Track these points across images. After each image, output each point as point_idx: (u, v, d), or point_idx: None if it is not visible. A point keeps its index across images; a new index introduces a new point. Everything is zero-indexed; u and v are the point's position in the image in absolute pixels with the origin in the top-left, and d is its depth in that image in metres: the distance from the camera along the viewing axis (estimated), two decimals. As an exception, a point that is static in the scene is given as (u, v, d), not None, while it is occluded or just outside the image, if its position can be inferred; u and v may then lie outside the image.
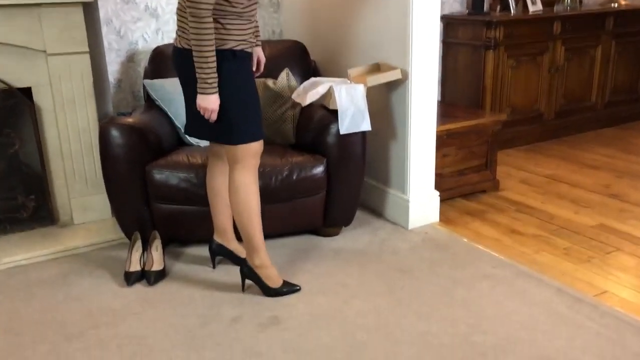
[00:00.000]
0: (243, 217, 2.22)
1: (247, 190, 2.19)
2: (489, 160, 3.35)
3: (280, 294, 2.29)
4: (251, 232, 2.23)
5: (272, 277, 2.29)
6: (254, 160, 2.20)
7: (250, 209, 2.21)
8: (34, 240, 2.80)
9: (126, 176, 2.54)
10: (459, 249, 2.66)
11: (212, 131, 2.17)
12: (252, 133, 2.16)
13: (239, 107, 2.10)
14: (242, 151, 2.15)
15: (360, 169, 2.70)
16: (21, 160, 2.87)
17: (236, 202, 2.21)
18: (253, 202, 2.21)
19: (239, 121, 2.11)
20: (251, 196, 2.20)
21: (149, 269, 2.45)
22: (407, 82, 2.73)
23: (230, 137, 2.14)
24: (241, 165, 2.17)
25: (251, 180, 2.20)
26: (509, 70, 4.09)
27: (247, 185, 2.19)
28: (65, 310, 2.24)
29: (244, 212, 2.21)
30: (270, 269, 2.29)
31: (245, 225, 2.23)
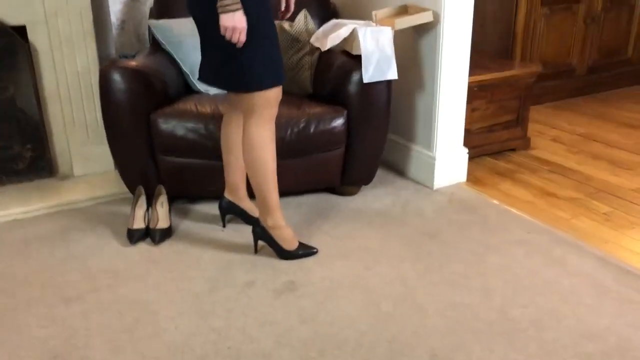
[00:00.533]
0: (257, 174, 2.00)
1: (263, 145, 1.97)
2: (520, 116, 3.10)
3: (295, 256, 2.11)
4: (265, 191, 2.03)
5: (287, 239, 2.10)
6: (271, 111, 1.97)
7: (266, 166, 1.99)
8: (31, 193, 2.61)
9: (129, 125, 2.32)
10: (489, 211, 2.45)
11: (226, 77, 1.94)
12: (270, 77, 1.91)
13: (256, 47, 1.85)
14: (258, 100, 1.92)
15: (384, 123, 2.47)
16: (17, 106, 2.66)
17: (250, 158, 1.99)
18: (269, 159, 1.99)
19: (254, 63, 1.87)
20: (267, 152, 1.98)
21: (153, 227, 2.26)
22: (438, 26, 2.47)
23: (244, 82, 1.90)
24: (257, 117, 1.94)
25: (268, 134, 1.97)
26: (542, 19, 3.80)
27: (263, 139, 1.96)
28: (63, 270, 2.06)
29: (259, 169, 1.99)
30: (285, 230, 2.09)
31: (259, 184, 2.02)
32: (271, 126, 1.98)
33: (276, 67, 1.93)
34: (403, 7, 2.60)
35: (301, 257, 2.11)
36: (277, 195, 2.05)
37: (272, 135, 1.98)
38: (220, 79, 1.98)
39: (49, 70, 2.64)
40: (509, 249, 2.15)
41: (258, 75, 1.89)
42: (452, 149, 2.69)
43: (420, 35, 2.58)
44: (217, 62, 1.93)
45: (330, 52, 2.60)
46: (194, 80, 2.61)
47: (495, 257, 2.10)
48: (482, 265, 2.05)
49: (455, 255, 2.12)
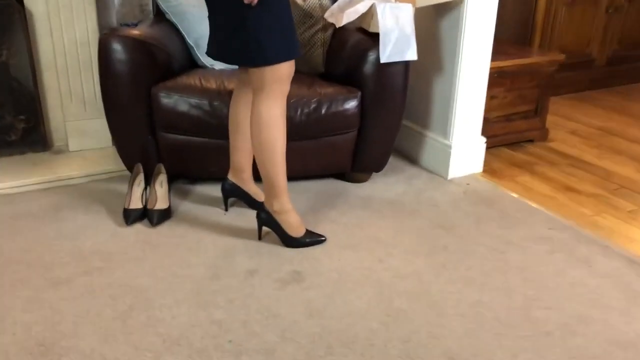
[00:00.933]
0: (265, 155, 1.86)
1: (272, 124, 1.82)
2: (540, 106, 2.95)
3: (302, 244, 1.97)
4: (273, 174, 1.88)
5: (293, 225, 1.96)
6: (283, 87, 1.82)
7: (275, 147, 1.85)
8: (23, 167, 2.47)
9: (129, 98, 2.17)
10: (507, 204, 2.32)
11: (234, 49, 1.78)
12: (282, 50, 1.76)
13: (267, 17, 1.70)
14: (268, 74, 1.77)
15: (399, 106, 2.32)
16: (10, 75, 2.50)
17: (259, 137, 1.84)
18: (279, 139, 1.84)
19: (265, 34, 1.71)
20: (277, 132, 1.83)
21: (151, 207, 2.12)
22: (462, 6, 2.31)
23: (253, 55, 1.75)
24: (267, 93, 1.79)
25: (278, 113, 1.83)
26: (563, 7, 3.63)
27: (273, 118, 1.82)
28: (53, 250, 1.92)
29: (267, 149, 1.85)
30: (292, 215, 1.96)
31: (266, 165, 1.88)
32: (282, 104, 1.84)
33: (289, 39, 1.78)
34: (424, -15, 2.44)
35: (308, 246, 1.97)
36: (285, 178, 1.91)
37: (283, 113, 1.84)
38: (228, 51, 1.82)
39: (45, 37, 2.49)
40: (530, 246, 2.02)
41: (269, 48, 1.73)
42: (470, 138, 2.54)
43: (441, 15, 2.42)
44: (225, 33, 1.78)
45: (344, 29, 2.45)
46: (199, 53, 2.46)
47: (515, 254, 1.97)
48: (502, 263, 1.92)
49: (473, 251, 1.98)
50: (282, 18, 1.76)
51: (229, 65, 2.44)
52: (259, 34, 1.71)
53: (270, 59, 1.75)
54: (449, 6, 2.36)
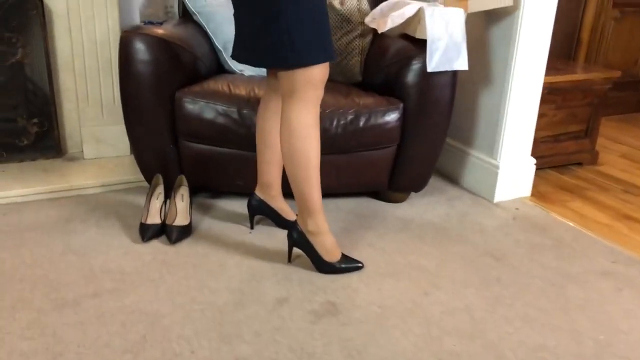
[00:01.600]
0: (298, 169, 1.65)
1: (305, 134, 1.62)
2: (591, 127, 2.73)
3: (336, 270, 1.76)
4: (306, 189, 1.68)
5: (328, 248, 1.75)
6: (316, 92, 1.62)
7: (308, 159, 1.64)
8: (34, 174, 2.29)
9: (150, 102, 1.99)
10: (562, 233, 2.09)
11: (262, 49, 1.59)
12: (315, 51, 1.56)
13: (299, 12, 1.51)
14: (301, 77, 1.57)
15: (444, 121, 2.12)
16: (25, 75, 2.34)
17: (289, 149, 1.64)
18: (312, 151, 1.64)
19: (297, 32, 1.52)
20: (310, 142, 1.63)
21: (171, 223, 1.92)
22: (517, 13, 2.11)
23: (284, 55, 1.55)
24: (299, 99, 1.60)
25: (311, 121, 1.63)
26: (611, 22, 3.42)
27: (306, 126, 1.62)
28: (60, 267, 1.73)
29: (299, 162, 1.64)
30: (327, 237, 1.75)
31: (299, 180, 1.67)
32: (316, 111, 1.64)
33: (324, 39, 1.58)
34: (474, -10, 2.24)
35: (343, 272, 1.76)
36: (319, 194, 1.70)
37: (316, 121, 1.64)
38: (255, 51, 1.63)
39: (63, 36, 2.32)
40: (593, 281, 1.79)
41: (304, 46, 1.54)
42: (519, 158, 2.32)
43: (492, 23, 2.22)
44: (253, 30, 1.59)
45: (385, 36, 2.26)
46: (227, 58, 2.28)
47: (578, 289, 1.74)
48: (564, 300, 1.69)
49: (530, 285, 1.76)
50: (320, 15, 1.57)
51: (259, 71, 2.28)
52: (293, 31, 1.52)
53: (305, 59, 1.56)
54: (502, 13, 2.16)
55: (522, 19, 2.10)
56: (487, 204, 2.29)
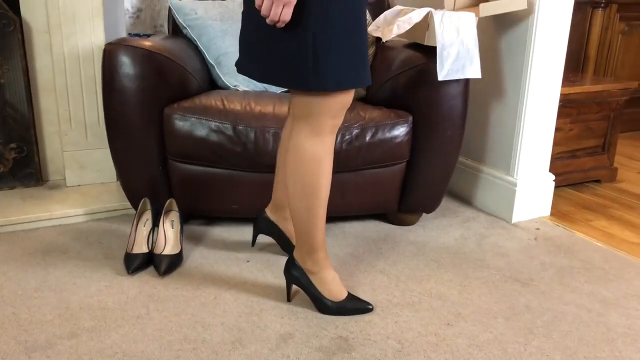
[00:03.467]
0: (303, 203, 1.43)
1: (314, 167, 1.39)
2: (608, 142, 2.57)
3: (342, 311, 1.51)
4: (309, 227, 1.45)
5: (330, 287, 1.52)
6: (334, 120, 1.38)
7: (315, 192, 1.41)
8: (11, 203, 2.09)
9: (136, 120, 1.81)
10: (591, 254, 1.90)
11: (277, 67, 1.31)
12: (345, 75, 1.30)
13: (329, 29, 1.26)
14: (321, 103, 1.33)
15: (458, 134, 1.95)
16: (3, 96, 2.16)
17: (296, 179, 1.42)
18: (322, 186, 1.41)
19: (323, 53, 1.26)
20: (320, 176, 1.40)
21: (159, 252, 1.73)
22: (531, 18, 1.97)
23: (305, 76, 1.28)
24: (314, 126, 1.37)
25: (324, 153, 1.39)
26: (619, 36, 3.30)
27: (318, 159, 1.38)
28: (33, 305, 1.52)
29: (306, 197, 1.42)
30: (329, 275, 1.52)
31: (303, 215, 1.44)
32: (331, 141, 1.40)
33: (357, 62, 1.32)
34: (483, -4, 2.10)
35: (349, 314, 1.52)
36: (323, 232, 1.48)
37: (329, 152, 1.41)
38: (263, 66, 1.35)
39: (44, 53, 2.16)
40: (634, 306, 1.60)
41: (326, 70, 1.27)
42: (537, 175, 2.15)
43: (505, 29, 2.08)
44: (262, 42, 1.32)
45: (389, 47, 2.12)
46: (220, 73, 2.11)
47: (617, 316, 1.55)
48: (605, 328, 1.49)
49: (563, 312, 1.56)
50: (354, 33, 1.30)
51: (257, 86, 2.12)
52: (321, 50, 1.26)
53: (331, 83, 1.29)
54: (514, 17, 2.01)
55: (537, 23, 1.95)
56: (505, 225, 2.11)
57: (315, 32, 1.24)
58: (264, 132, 1.80)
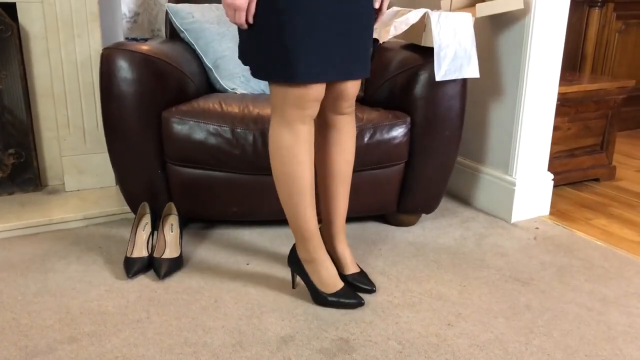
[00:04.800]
0: (284, 192, 1.50)
1: (287, 157, 1.45)
2: (606, 140, 2.57)
3: (331, 303, 1.55)
4: (294, 216, 1.51)
5: (323, 278, 1.55)
6: (302, 111, 1.42)
7: (293, 184, 1.47)
8: (10, 209, 2.09)
9: (135, 124, 1.81)
10: (590, 253, 1.90)
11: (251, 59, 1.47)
12: (274, 68, 1.39)
13: (264, 24, 1.36)
14: (277, 94, 1.43)
15: (456, 134, 1.95)
16: (1, 102, 2.16)
17: (274, 168, 1.50)
18: (298, 174, 1.46)
19: (261, 46, 1.39)
20: (295, 165, 1.45)
21: (159, 256, 1.73)
22: (527, 17, 1.97)
23: (258, 66, 1.44)
24: (277, 115, 1.45)
25: (296, 141, 1.44)
26: (615, 35, 3.30)
27: (290, 147, 1.44)
28: (33, 310, 1.52)
29: (286, 185, 1.48)
30: (323, 266, 1.55)
31: (287, 204, 1.51)
32: (304, 129, 1.44)
33: (283, 58, 1.36)
34: (479, -4, 2.11)
35: (339, 307, 1.54)
36: (312, 220, 1.52)
37: (304, 140, 1.45)
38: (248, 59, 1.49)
39: (41, 59, 2.16)
40: (634, 304, 1.60)
41: (266, 61, 1.40)
42: (536, 174, 2.15)
43: (501, 29, 2.08)
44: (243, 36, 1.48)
45: (386, 48, 2.12)
46: (218, 76, 2.11)
47: (618, 314, 1.55)
48: (605, 326, 1.49)
49: (563, 311, 1.56)
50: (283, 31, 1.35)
51: (254, 89, 2.13)
52: (259, 47, 1.40)
53: (267, 76, 1.44)
54: (510, 18, 2.02)
55: (534, 22, 1.96)
56: (504, 225, 2.11)
57: (257, 31, 1.37)
58: (263, 134, 1.80)
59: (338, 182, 1.62)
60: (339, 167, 1.60)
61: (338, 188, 1.62)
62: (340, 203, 1.64)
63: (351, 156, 1.62)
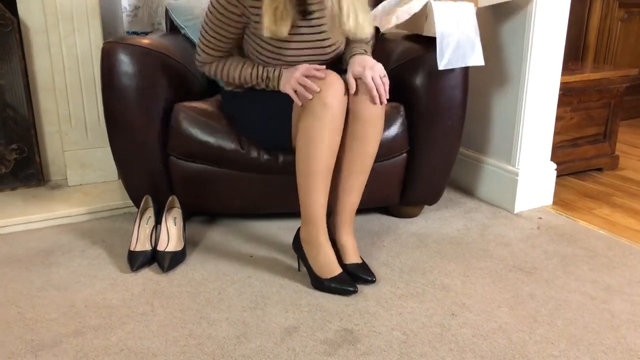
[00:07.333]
0: (298, 167, 1.57)
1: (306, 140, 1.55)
2: (609, 130, 2.56)
3: (324, 288, 1.57)
4: (304, 193, 1.57)
5: (321, 262, 1.58)
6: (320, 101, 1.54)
7: (307, 160, 1.55)
8: (14, 204, 2.10)
9: (137, 118, 1.81)
10: (594, 242, 1.90)
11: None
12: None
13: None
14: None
15: (457, 125, 1.94)
16: (2, 97, 2.16)
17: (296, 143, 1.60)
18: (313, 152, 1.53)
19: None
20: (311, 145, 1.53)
21: (162, 249, 1.73)
22: (530, 6, 1.96)
23: None
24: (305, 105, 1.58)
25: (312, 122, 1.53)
26: (618, 23, 3.29)
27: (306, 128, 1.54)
28: (38, 304, 1.53)
29: (301, 161, 1.56)
30: (321, 251, 1.58)
31: (298, 178, 1.58)
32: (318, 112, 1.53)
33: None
34: (481, -14, 2.09)
35: (331, 292, 1.57)
36: (319, 205, 1.57)
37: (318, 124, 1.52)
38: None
39: (42, 53, 2.16)
40: (637, 292, 1.60)
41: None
42: (539, 164, 2.15)
43: (503, 19, 2.07)
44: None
45: (387, 40, 2.11)
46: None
47: (621, 303, 1.55)
48: (608, 315, 1.49)
49: (567, 299, 1.56)
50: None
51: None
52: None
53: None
54: (512, 7, 2.01)
55: (536, 12, 1.95)
56: (507, 215, 2.11)
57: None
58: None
59: (352, 172, 1.63)
60: (356, 156, 1.61)
61: (351, 177, 1.63)
62: (351, 193, 1.65)
63: (372, 147, 1.63)
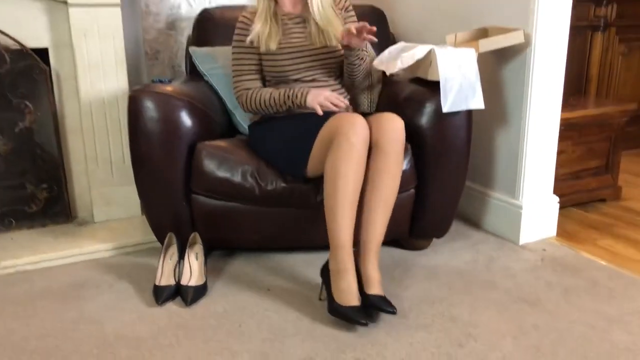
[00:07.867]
0: (327, 195, 1.72)
1: (332, 173, 1.72)
2: (611, 162, 2.66)
3: (338, 314, 1.64)
4: (331, 221, 1.71)
5: (341, 289, 1.66)
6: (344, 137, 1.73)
7: (333, 190, 1.69)
8: (44, 241, 2.22)
9: (162, 160, 1.94)
10: (595, 273, 1.99)
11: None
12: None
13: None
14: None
15: (463, 163, 2.05)
16: (34, 140, 2.31)
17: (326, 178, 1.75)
18: (338, 184, 1.68)
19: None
20: (335, 176, 1.69)
21: (185, 284, 1.84)
22: (528, 50, 2.08)
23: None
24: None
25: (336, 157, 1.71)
26: (619, 57, 3.40)
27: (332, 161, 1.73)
28: (73, 336, 1.64)
29: (328, 188, 1.72)
30: (344, 279, 1.66)
31: (326, 207, 1.73)
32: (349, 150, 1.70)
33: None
34: (482, 30, 2.22)
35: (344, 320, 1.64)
36: (345, 232, 1.69)
37: (347, 157, 1.69)
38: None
39: (71, 98, 2.31)
40: (636, 322, 1.68)
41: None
42: (542, 197, 2.25)
43: (504, 61, 2.19)
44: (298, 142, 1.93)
45: (394, 82, 2.23)
46: (240, 119, 2.24)
47: (622, 333, 1.63)
48: (609, 344, 1.57)
49: (569, 330, 1.65)
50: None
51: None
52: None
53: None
54: (513, 50, 2.13)
55: (535, 54, 2.07)
56: (513, 247, 2.20)
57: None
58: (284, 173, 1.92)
59: (377, 205, 1.75)
60: (381, 191, 1.75)
61: (375, 210, 1.76)
62: (376, 226, 1.77)
63: (394, 182, 1.77)
